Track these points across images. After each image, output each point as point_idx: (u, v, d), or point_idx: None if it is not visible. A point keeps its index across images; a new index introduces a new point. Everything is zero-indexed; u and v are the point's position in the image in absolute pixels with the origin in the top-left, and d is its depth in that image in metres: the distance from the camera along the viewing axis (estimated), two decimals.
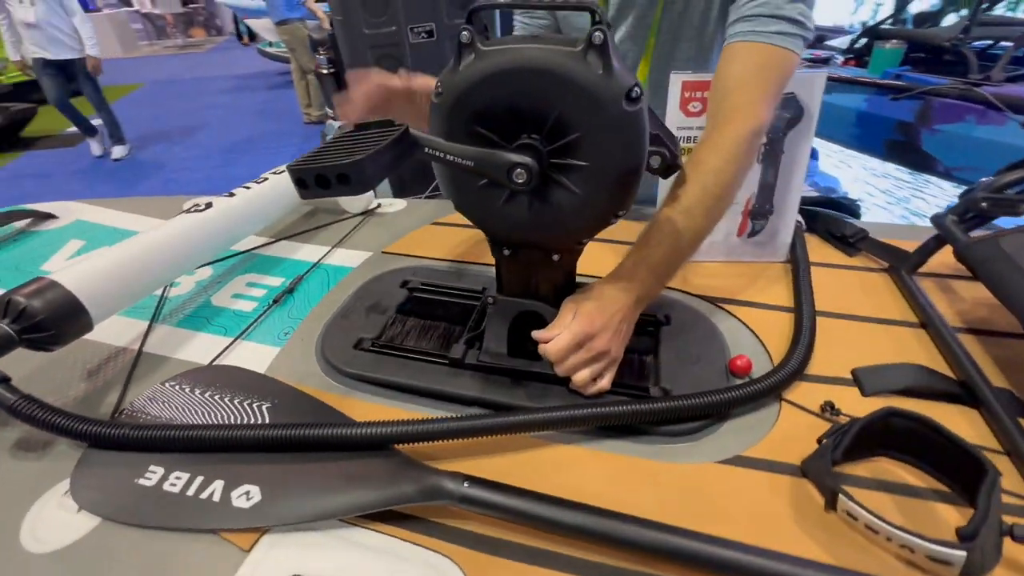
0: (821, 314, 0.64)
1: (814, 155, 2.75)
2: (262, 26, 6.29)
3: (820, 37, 3.16)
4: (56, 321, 0.52)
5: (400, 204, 1.00)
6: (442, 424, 0.46)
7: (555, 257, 0.53)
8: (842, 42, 2.82)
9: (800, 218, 0.83)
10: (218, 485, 0.45)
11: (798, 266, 0.71)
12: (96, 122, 4.18)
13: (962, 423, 0.50)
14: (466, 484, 0.41)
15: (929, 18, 2.74)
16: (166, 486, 0.46)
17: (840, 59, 2.61)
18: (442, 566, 0.40)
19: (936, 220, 0.67)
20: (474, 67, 0.42)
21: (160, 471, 0.47)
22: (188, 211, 0.71)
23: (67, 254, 0.82)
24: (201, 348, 0.64)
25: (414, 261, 0.80)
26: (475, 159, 0.43)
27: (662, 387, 0.54)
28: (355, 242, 0.86)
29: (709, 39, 0.79)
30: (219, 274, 0.78)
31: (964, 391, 0.53)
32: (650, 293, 0.55)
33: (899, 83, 1.97)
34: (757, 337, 0.62)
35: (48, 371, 0.60)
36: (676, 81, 0.69)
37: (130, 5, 10.18)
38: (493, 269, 0.57)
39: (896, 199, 2.22)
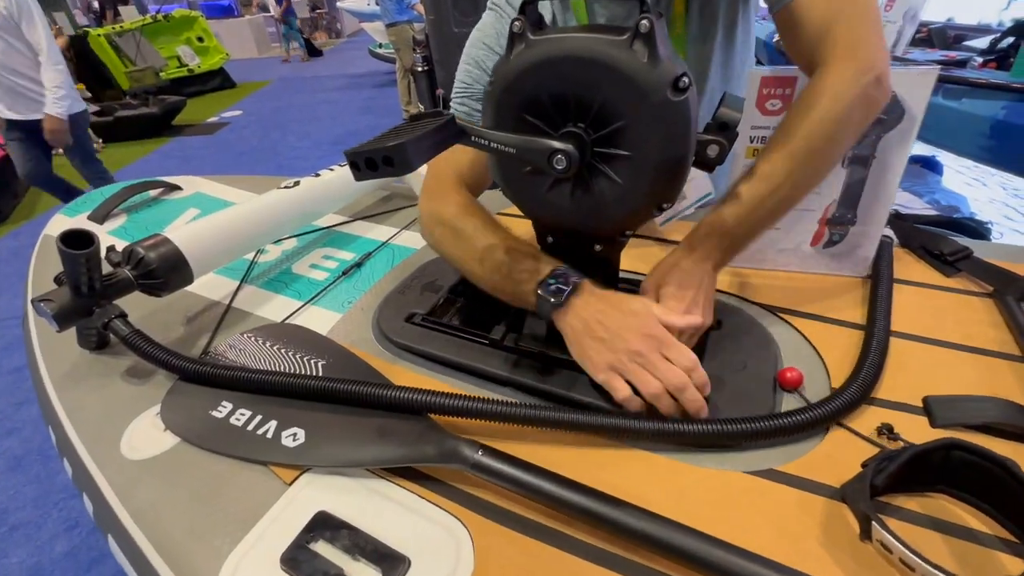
0: (898, 335, 0.58)
1: (938, 169, 2.43)
2: (374, 29, 6.77)
3: (959, 36, 2.77)
4: (165, 271, 0.62)
5: None
6: (475, 403, 0.48)
7: (597, 247, 0.53)
8: (983, 42, 2.45)
9: (891, 232, 0.75)
10: (272, 424, 0.51)
11: (878, 281, 0.65)
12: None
13: None
14: (480, 452, 0.43)
15: None
16: (232, 419, 0.53)
17: (979, 60, 2.27)
18: (451, 525, 0.42)
19: None
20: (523, 56, 0.44)
21: (229, 406, 0.54)
22: (280, 188, 0.80)
23: (187, 219, 0.96)
24: (277, 308, 0.72)
25: None
26: (517, 146, 0.45)
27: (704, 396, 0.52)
28: None
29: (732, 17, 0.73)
30: (301, 246, 0.87)
31: None
32: (724, 259, 0.55)
33: None
34: (816, 351, 0.58)
35: (157, 314, 0.71)
36: (755, 76, 0.66)
37: (267, 11, 11.40)
38: None
39: None
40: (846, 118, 0.51)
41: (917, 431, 0.47)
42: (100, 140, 4.82)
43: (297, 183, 0.81)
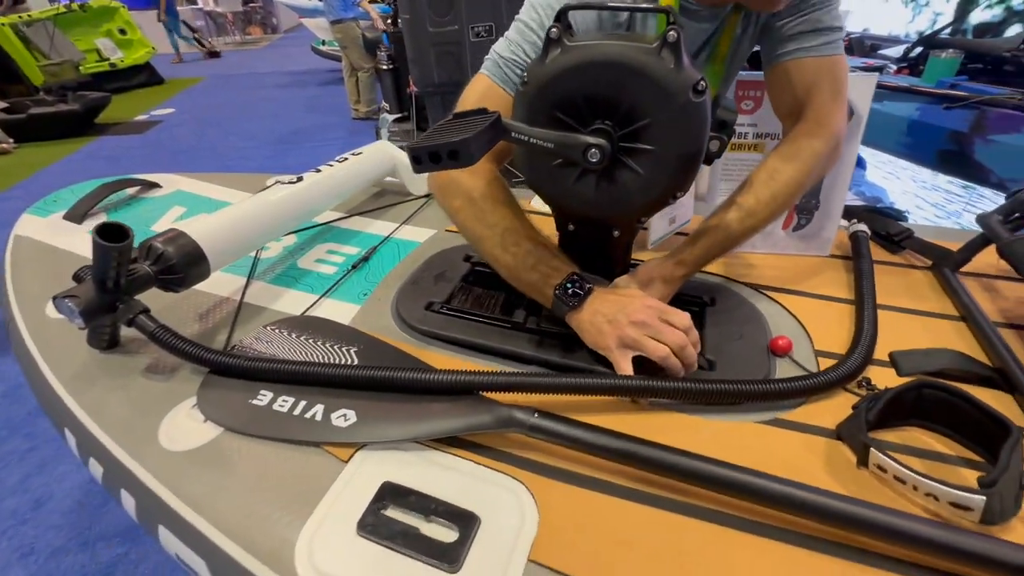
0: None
1: (862, 164, 2.71)
2: (316, 25, 6.56)
3: (874, 46, 3.11)
4: (184, 266, 0.62)
5: None
6: (527, 378, 0.52)
7: (615, 233, 0.59)
8: (896, 51, 2.77)
9: (866, 227, 0.85)
10: (319, 408, 0.53)
11: (861, 270, 0.72)
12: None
13: (996, 405, 0.54)
14: (536, 415, 0.48)
15: (991, 28, 2.67)
16: (275, 406, 0.54)
17: (893, 68, 2.57)
18: (511, 486, 0.46)
19: (981, 219, 0.70)
20: (560, 60, 0.49)
21: (270, 395, 0.55)
22: (282, 183, 0.80)
23: (172, 218, 0.93)
24: (292, 302, 0.72)
25: None
26: (555, 141, 0.50)
27: (707, 358, 0.59)
28: (420, 220, 0.94)
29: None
30: (302, 242, 0.87)
31: (1000, 376, 0.56)
32: (692, 272, 0.64)
33: (955, 92, 1.95)
34: (798, 321, 0.67)
35: (165, 313, 0.70)
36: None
37: (195, 3, 10.74)
38: None
39: (947, 213, 2.17)
40: (816, 174, 0.67)
41: (888, 381, 0.56)
42: (11, 140, 4.40)
43: (300, 178, 0.82)
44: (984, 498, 0.38)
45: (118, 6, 6.78)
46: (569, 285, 0.57)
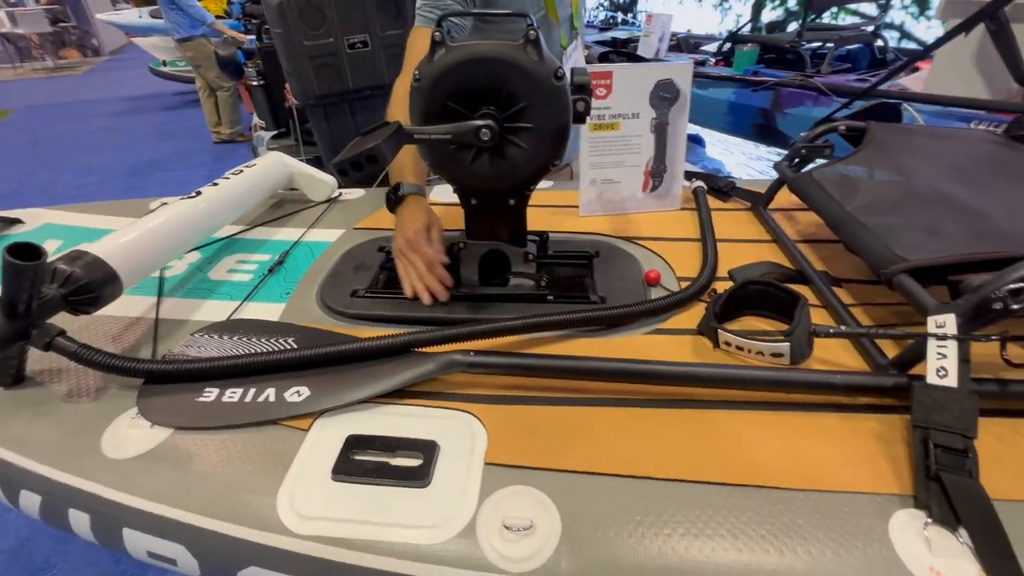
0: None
1: (701, 142, 3.18)
2: (152, 44, 5.95)
3: (697, 44, 3.69)
4: (96, 285, 0.61)
5: (359, 192, 1.13)
6: (449, 330, 0.60)
7: (511, 202, 0.70)
8: (713, 47, 3.33)
9: (703, 184, 1.06)
10: (271, 391, 0.57)
11: (702, 216, 0.92)
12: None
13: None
14: (472, 354, 0.57)
15: (778, 25, 3.31)
16: (224, 399, 0.57)
17: (712, 60, 3.09)
18: (463, 417, 0.55)
19: (775, 166, 0.92)
20: (446, 58, 0.58)
21: (215, 390, 0.58)
22: (182, 198, 0.80)
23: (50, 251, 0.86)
24: (213, 311, 0.74)
25: (385, 232, 0.93)
26: (451, 131, 0.59)
27: (599, 295, 0.73)
28: (327, 223, 0.98)
29: None
30: (208, 256, 0.87)
31: (798, 274, 0.76)
32: None
33: (756, 78, 2.43)
34: (663, 259, 0.83)
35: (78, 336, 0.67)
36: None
37: None
38: (454, 234, 0.74)
39: (771, 177, 2.68)
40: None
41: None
42: None
43: (199, 193, 0.82)
44: (788, 344, 0.55)
45: None
46: (392, 193, 0.80)
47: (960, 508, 0.42)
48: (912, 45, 3.01)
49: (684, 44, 3.58)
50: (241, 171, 0.94)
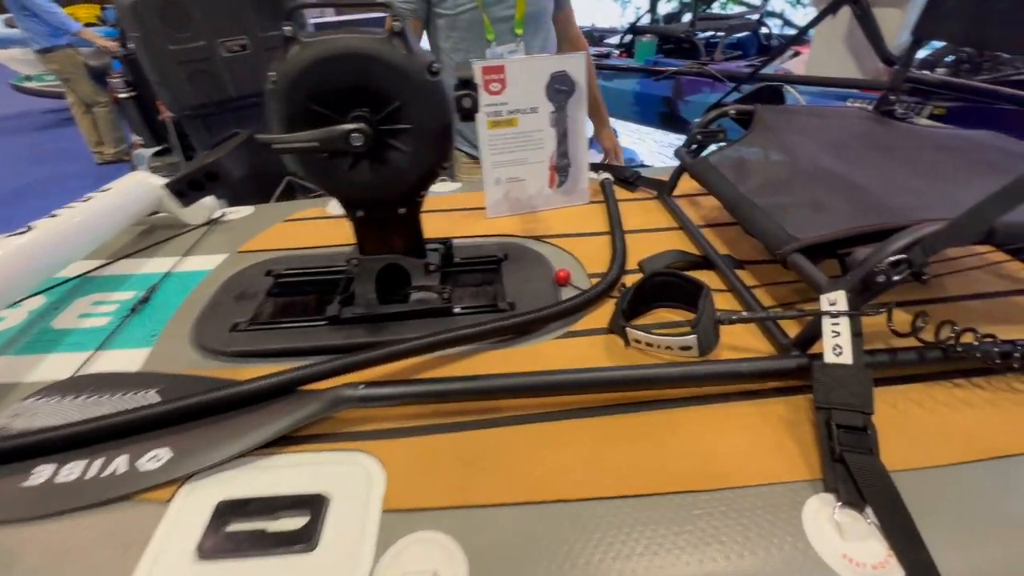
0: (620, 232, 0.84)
1: (614, 133, 3.27)
2: (11, 57, 5.26)
3: (601, 37, 3.78)
4: None
5: (246, 210, 1.01)
6: (343, 360, 0.53)
7: (401, 210, 0.64)
8: (615, 39, 3.42)
9: (610, 175, 1.05)
10: (122, 459, 0.48)
11: (609, 208, 0.91)
12: None
13: (705, 279, 0.73)
14: (363, 386, 0.51)
15: (675, 17, 3.47)
16: (59, 479, 0.47)
17: (616, 52, 3.18)
18: (357, 459, 0.49)
19: (676, 152, 0.93)
20: (301, 55, 0.52)
21: (49, 468, 0.48)
22: (9, 235, 0.67)
23: None
24: (55, 367, 0.62)
25: (273, 254, 0.84)
26: (316, 138, 0.53)
27: (508, 302, 0.69)
28: (206, 248, 0.87)
29: None
30: (54, 301, 0.74)
31: (704, 260, 0.76)
32: None
33: (656, 68, 2.52)
34: (573, 256, 0.81)
35: None
36: (477, 68, 0.85)
37: None
38: (350, 249, 0.67)
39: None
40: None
41: None
42: None
43: (29, 227, 0.69)
44: (695, 336, 0.54)
45: None
46: None
47: (865, 488, 0.41)
48: (793, 31, 3.27)
49: (589, 37, 3.66)
50: (91, 197, 0.81)
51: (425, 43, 1.30)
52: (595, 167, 1.08)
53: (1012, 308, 0.67)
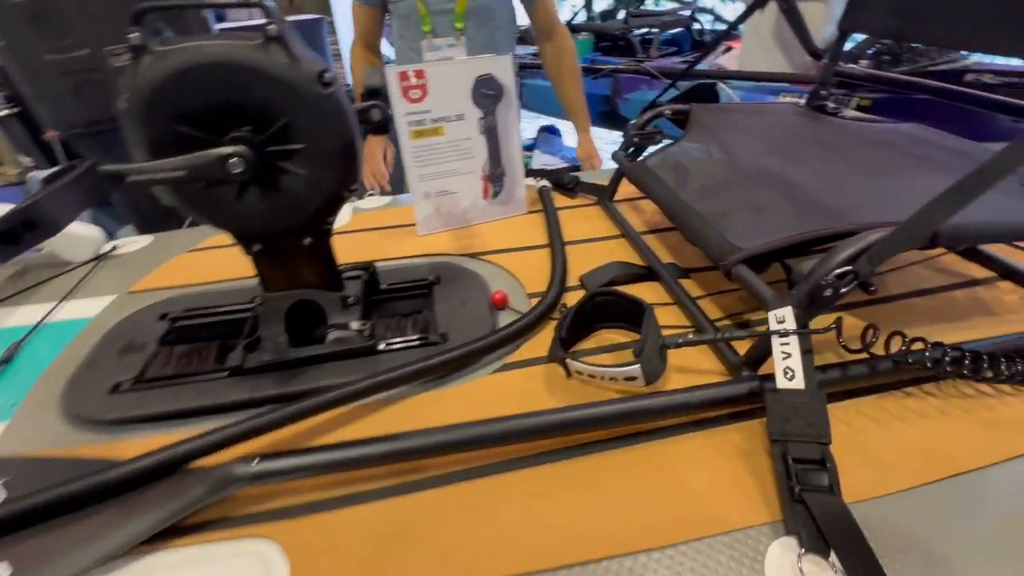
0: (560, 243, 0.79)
1: (557, 132, 3.24)
2: None
3: (521, 37, 3.75)
4: None
5: (144, 240, 0.90)
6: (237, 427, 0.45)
7: (306, 241, 0.56)
8: None
9: (548, 183, 1.00)
10: None
11: (548, 218, 0.85)
12: None
13: (650, 292, 0.69)
14: (257, 461, 0.43)
15: (611, 14, 3.48)
16: None
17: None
18: (254, 548, 0.41)
19: (613, 156, 0.88)
20: (154, 69, 0.43)
21: None
22: None
23: None
24: None
25: (171, 293, 0.74)
26: (184, 166, 0.44)
27: (440, 333, 0.62)
28: (90, 290, 0.75)
29: None
30: None
31: (648, 271, 0.72)
32: None
33: (594, 66, 2.50)
34: (511, 274, 0.75)
35: None
36: (393, 74, 0.77)
37: None
38: (249, 284, 0.58)
39: None
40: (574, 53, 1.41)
41: None
42: None
43: None
44: (639, 365, 0.49)
45: None
46: None
47: (827, 532, 0.37)
48: (724, 27, 3.34)
49: (527, 36, 3.63)
50: None
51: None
52: (532, 173, 1.03)
53: (952, 303, 0.66)
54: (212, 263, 0.81)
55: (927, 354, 0.47)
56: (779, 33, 1.84)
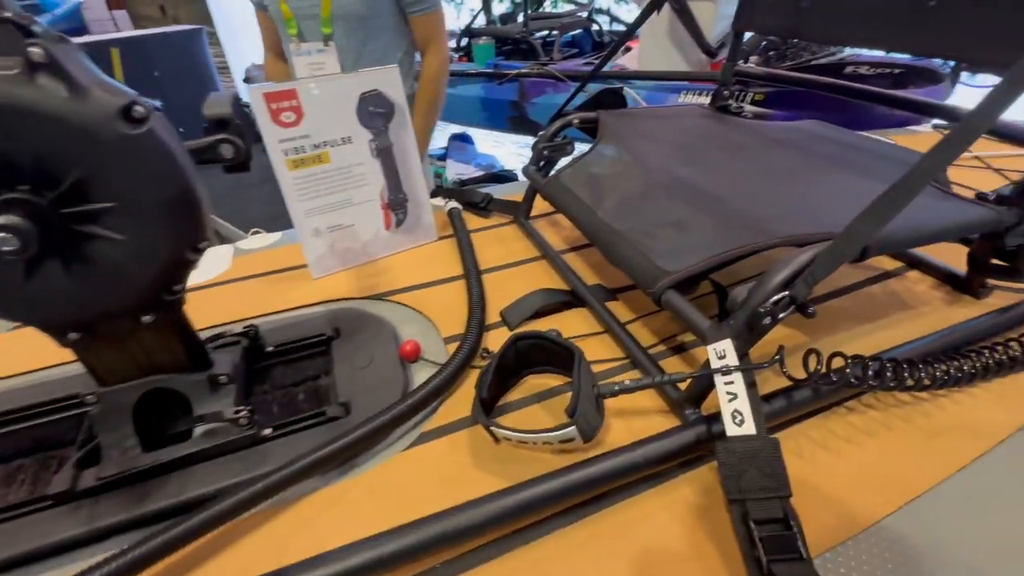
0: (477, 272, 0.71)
1: (470, 140, 3.16)
2: None
3: None
4: None
5: None
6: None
7: (145, 319, 0.44)
8: (452, 43, 3.32)
9: (457, 203, 0.91)
10: None
11: (461, 243, 0.77)
12: None
13: (578, 320, 0.63)
14: None
15: (510, 17, 3.46)
16: None
17: (456, 56, 3.07)
18: None
19: (524, 171, 0.82)
20: None
21: None
22: None
23: None
24: None
25: (13, 380, 0.57)
26: None
27: (340, 403, 0.52)
28: None
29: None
30: None
31: (574, 297, 0.66)
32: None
33: (498, 71, 2.46)
34: (424, 315, 0.66)
35: None
36: (257, 95, 0.65)
37: None
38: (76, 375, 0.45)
39: None
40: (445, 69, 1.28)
41: (504, 338, 0.59)
42: None
43: None
44: (574, 427, 0.42)
45: None
46: None
47: None
48: (622, 27, 3.44)
49: None
50: None
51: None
52: (439, 193, 0.94)
53: (870, 300, 0.66)
54: (22, 346, 0.64)
55: (869, 372, 0.44)
56: (674, 32, 1.89)
